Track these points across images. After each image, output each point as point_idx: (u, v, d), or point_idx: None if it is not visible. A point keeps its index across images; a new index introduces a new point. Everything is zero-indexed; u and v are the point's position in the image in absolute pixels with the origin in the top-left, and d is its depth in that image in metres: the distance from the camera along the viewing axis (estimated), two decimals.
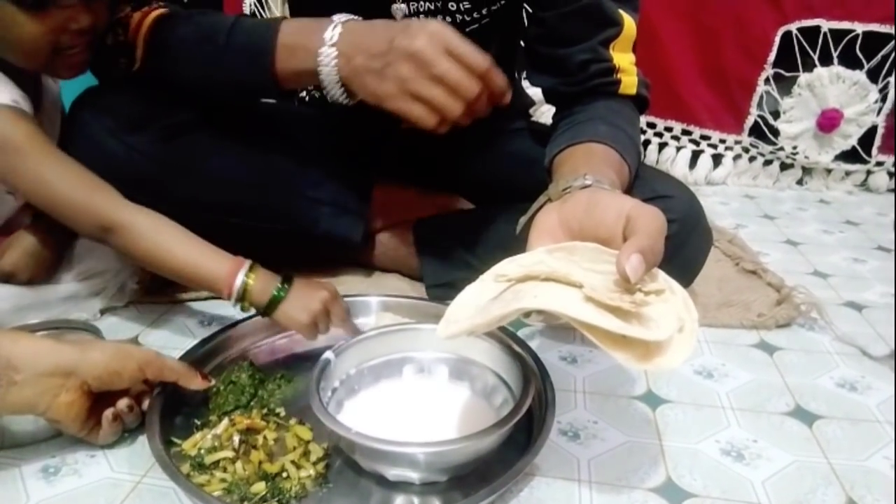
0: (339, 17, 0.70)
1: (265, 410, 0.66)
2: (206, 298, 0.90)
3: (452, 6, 0.83)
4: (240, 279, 0.70)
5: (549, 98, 0.90)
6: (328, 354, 0.64)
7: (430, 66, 0.64)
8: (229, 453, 0.59)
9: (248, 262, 0.71)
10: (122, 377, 0.60)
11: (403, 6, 0.82)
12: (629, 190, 0.77)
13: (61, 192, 0.70)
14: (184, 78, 0.78)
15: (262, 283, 0.71)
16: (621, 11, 0.80)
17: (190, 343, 0.75)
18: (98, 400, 0.60)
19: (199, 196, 0.83)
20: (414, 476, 0.57)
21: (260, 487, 0.56)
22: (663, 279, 0.53)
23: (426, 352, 0.69)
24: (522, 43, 0.93)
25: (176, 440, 0.62)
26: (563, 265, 0.51)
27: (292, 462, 0.58)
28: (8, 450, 0.61)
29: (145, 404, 0.63)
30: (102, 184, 0.72)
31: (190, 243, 0.72)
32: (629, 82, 0.82)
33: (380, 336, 0.69)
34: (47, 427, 0.62)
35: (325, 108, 1.02)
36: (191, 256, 0.71)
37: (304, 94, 1.05)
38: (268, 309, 0.71)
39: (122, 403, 0.61)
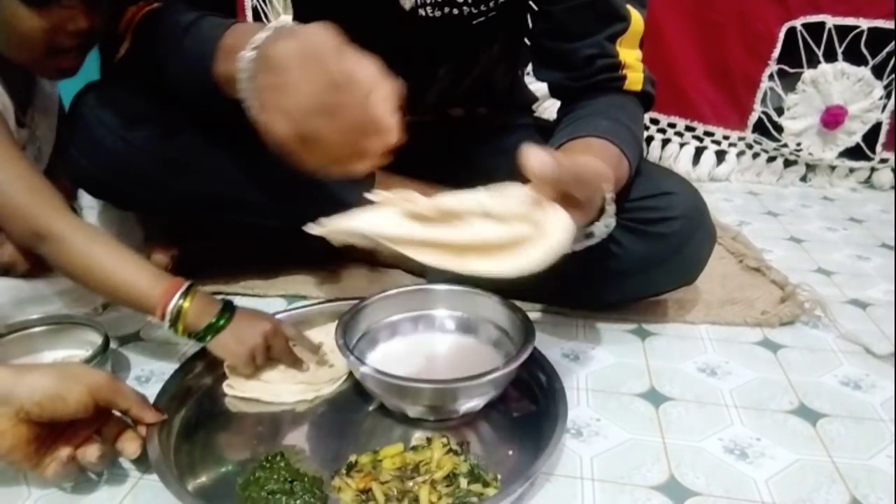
0: (279, 21, 0.63)
1: None
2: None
3: None
4: (174, 301, 0.65)
5: (554, 93, 0.89)
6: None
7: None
8: None
9: (186, 284, 0.67)
10: (67, 403, 0.53)
11: None
12: (629, 184, 0.77)
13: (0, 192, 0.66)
14: (156, 75, 0.75)
15: (199, 307, 0.66)
16: (629, 6, 0.80)
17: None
18: (55, 430, 0.54)
19: (200, 192, 0.82)
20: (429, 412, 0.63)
21: None
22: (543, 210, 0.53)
23: (439, 309, 0.77)
24: (528, 38, 0.92)
25: None
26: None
27: None
28: None
29: (131, 445, 0.57)
30: (48, 190, 0.68)
31: (125, 260, 0.67)
32: (634, 78, 0.82)
33: (396, 296, 0.76)
34: None
35: None
36: (124, 273, 0.66)
37: None
38: (202, 336, 0.67)
39: (90, 452, 0.55)
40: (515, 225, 0.51)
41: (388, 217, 0.53)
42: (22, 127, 0.81)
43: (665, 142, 1.59)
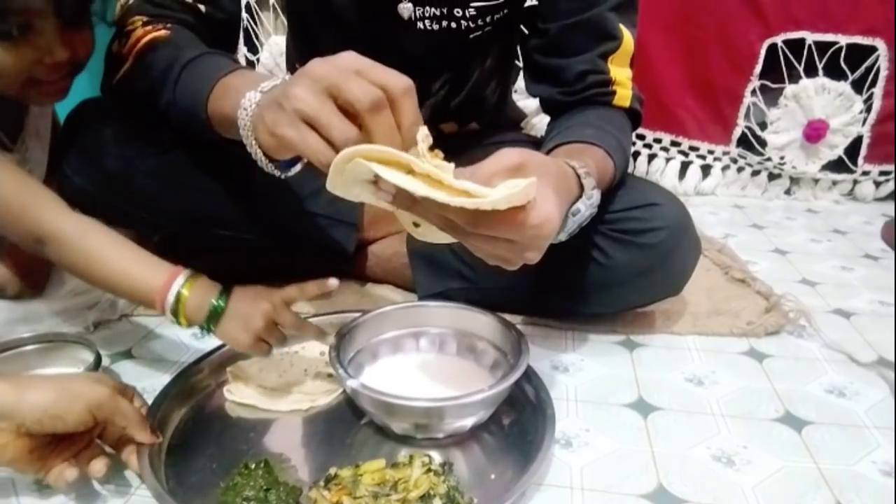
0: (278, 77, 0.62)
1: None
2: None
3: (458, 13, 0.84)
4: (173, 290, 0.64)
5: (545, 107, 0.91)
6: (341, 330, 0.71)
7: (301, 108, 0.53)
8: None
9: (186, 272, 0.65)
10: (66, 421, 0.54)
11: (409, 6, 0.83)
12: (614, 188, 0.78)
13: None
14: (149, 102, 0.74)
15: (200, 295, 0.65)
16: (621, 26, 0.82)
17: (184, 356, 0.75)
18: (56, 437, 0.55)
19: (194, 209, 0.83)
20: (416, 430, 0.63)
21: None
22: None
23: (433, 327, 0.77)
24: (521, 54, 0.94)
25: None
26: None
27: None
28: None
29: (97, 465, 0.57)
30: (44, 193, 0.68)
31: (124, 251, 0.66)
32: (624, 94, 0.84)
33: (392, 312, 0.77)
34: None
35: None
36: (124, 265, 0.65)
37: None
38: (209, 324, 0.65)
39: (97, 468, 0.57)
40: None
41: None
42: (9, 152, 0.80)
43: (651, 157, 1.61)
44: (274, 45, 1.72)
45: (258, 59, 1.76)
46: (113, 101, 0.81)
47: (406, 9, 0.83)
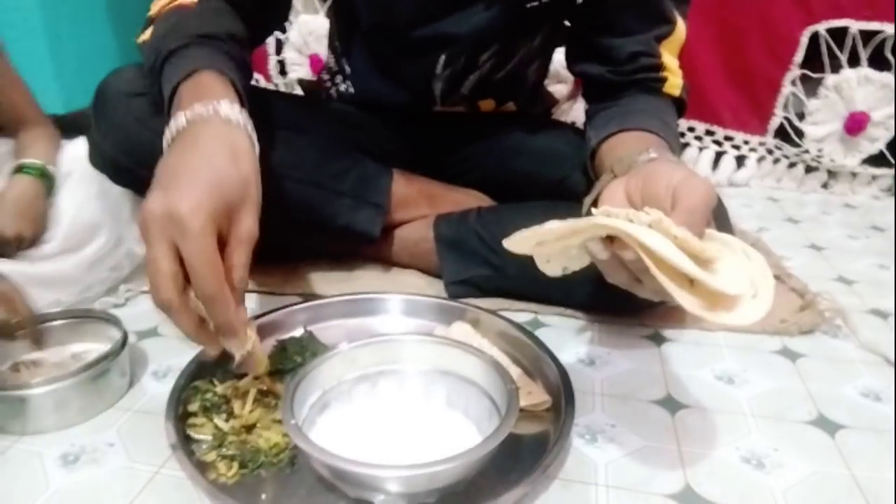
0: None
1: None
2: None
3: None
4: None
5: (591, 86, 0.90)
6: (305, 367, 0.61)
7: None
8: (238, 404, 0.62)
9: None
10: None
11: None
12: None
13: None
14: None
15: None
16: (675, 12, 0.82)
17: None
18: None
19: None
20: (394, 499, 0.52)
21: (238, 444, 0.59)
22: (727, 244, 0.53)
23: (407, 364, 0.65)
24: (569, 32, 0.93)
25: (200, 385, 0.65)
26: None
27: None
28: (31, 436, 0.62)
29: None
30: None
31: None
32: (674, 83, 0.84)
33: (358, 349, 0.64)
34: (68, 415, 0.63)
35: (348, 101, 1.03)
36: None
37: (331, 89, 1.05)
38: None
39: None
40: (741, 270, 0.51)
41: (651, 232, 0.49)
42: None
43: (684, 146, 1.58)
44: (303, 24, 1.71)
45: (287, 38, 1.75)
46: (140, 71, 0.80)
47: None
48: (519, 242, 0.55)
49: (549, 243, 0.56)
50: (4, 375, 0.69)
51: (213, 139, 0.57)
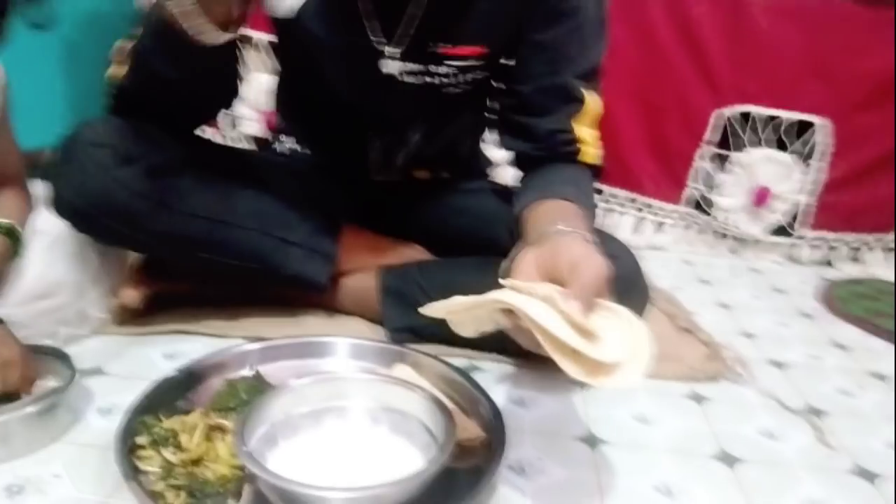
0: None
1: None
2: (171, 332, 0.93)
3: (434, 68, 0.91)
4: None
5: (518, 160, 0.98)
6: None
7: None
8: (185, 437, 0.65)
9: None
10: None
11: (391, 62, 0.90)
12: None
13: None
14: (149, 77, 0.81)
15: None
16: (584, 91, 0.91)
17: (156, 375, 0.77)
18: None
19: (176, 231, 0.86)
20: None
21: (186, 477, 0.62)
22: (616, 313, 0.60)
23: (353, 400, 0.70)
24: (497, 113, 1.01)
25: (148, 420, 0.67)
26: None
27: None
28: None
29: None
30: None
31: None
32: (588, 152, 0.93)
33: (306, 386, 0.69)
34: (14, 448, 0.64)
35: (297, 158, 1.09)
36: None
37: (277, 145, 1.11)
38: None
39: None
40: (623, 339, 0.57)
41: (542, 307, 0.56)
42: None
43: (608, 211, 1.71)
44: (256, 81, 1.77)
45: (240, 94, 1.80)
46: (110, 123, 0.85)
47: (388, 64, 0.90)
48: (435, 311, 0.64)
49: (460, 313, 0.64)
50: None
51: None
